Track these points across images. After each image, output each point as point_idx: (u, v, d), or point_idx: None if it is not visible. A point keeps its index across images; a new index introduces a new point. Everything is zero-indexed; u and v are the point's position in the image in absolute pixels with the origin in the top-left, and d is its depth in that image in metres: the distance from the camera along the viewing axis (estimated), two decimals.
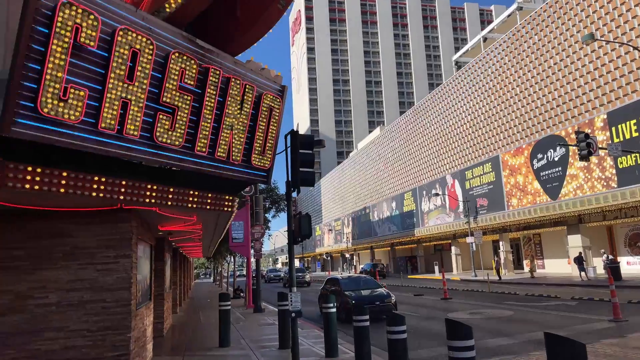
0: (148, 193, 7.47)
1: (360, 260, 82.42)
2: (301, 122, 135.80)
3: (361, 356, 8.90)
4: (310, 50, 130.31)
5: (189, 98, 7.42)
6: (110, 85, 6.35)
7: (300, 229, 8.96)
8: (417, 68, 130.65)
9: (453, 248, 53.51)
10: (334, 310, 10.34)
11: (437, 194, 50.55)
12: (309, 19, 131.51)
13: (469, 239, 42.07)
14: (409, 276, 56.03)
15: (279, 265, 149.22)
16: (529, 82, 38.29)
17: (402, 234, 61.75)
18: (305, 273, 47.71)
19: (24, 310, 7.55)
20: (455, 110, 49.02)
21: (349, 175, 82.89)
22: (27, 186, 6.02)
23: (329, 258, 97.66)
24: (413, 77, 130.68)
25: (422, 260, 62.43)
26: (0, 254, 7.62)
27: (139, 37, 6.62)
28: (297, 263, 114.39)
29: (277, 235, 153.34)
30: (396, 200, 63.95)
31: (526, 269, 44.39)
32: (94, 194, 6.70)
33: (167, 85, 7.08)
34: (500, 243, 44.86)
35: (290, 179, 9.57)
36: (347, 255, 79.01)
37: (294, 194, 9.78)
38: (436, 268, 55.75)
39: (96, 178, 6.72)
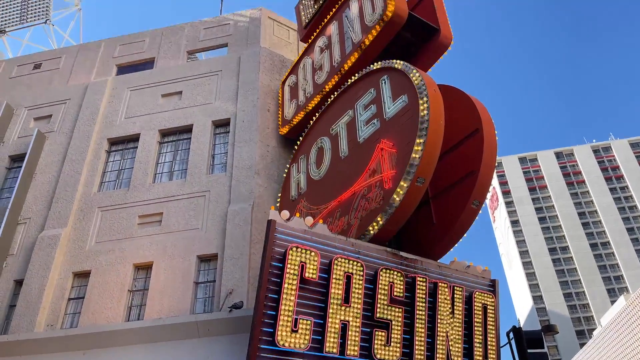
0: None
1: None
2: (521, 300, 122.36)
3: None
4: (514, 223, 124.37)
5: (400, 310, 7.65)
6: (331, 311, 7.03)
7: None
8: None
9: None
10: None
11: None
12: (506, 193, 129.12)
13: None
14: None
15: None
16: None
17: None
18: None
19: None
20: None
21: None
22: None
23: None
24: None
25: None
26: None
27: (351, 262, 7.44)
28: None
29: None
30: None
31: None
32: None
33: (379, 301, 7.50)
34: None
35: None
36: None
37: None
38: None
39: None
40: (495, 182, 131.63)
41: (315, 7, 13.18)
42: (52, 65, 16.17)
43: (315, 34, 12.94)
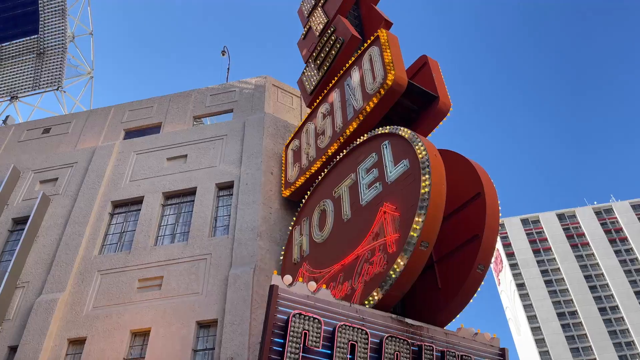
0: None
1: None
2: None
3: None
4: (520, 286, 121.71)
5: None
6: None
7: None
8: None
9: None
10: None
11: None
12: (510, 255, 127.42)
13: None
14: None
15: None
16: None
17: None
18: None
19: None
20: None
21: None
22: None
23: None
24: None
25: None
26: None
27: (355, 330, 7.23)
28: None
29: None
30: None
31: None
32: None
33: None
34: None
35: None
36: None
37: None
38: None
39: None
40: (498, 244, 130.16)
41: (319, 74, 13.74)
42: (61, 130, 16.62)
43: (318, 100, 13.40)
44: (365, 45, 12.09)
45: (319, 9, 15.31)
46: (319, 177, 11.91)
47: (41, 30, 24.11)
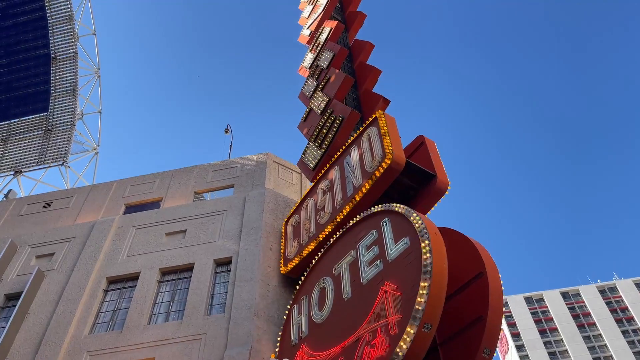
0: None
1: None
2: None
3: None
4: None
5: None
6: None
7: None
8: None
9: None
10: None
11: None
12: (515, 335, 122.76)
13: None
14: None
15: None
16: None
17: None
18: None
19: None
20: None
21: None
22: None
23: None
24: None
25: None
26: None
27: None
28: None
29: None
30: None
31: None
32: None
33: None
34: None
35: None
36: None
37: None
38: None
39: None
40: (503, 324, 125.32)
41: (321, 151, 14.12)
42: (62, 204, 16.69)
43: (319, 176, 13.63)
44: (365, 125, 12.52)
45: (319, 92, 16.06)
46: (319, 253, 11.80)
47: (51, 108, 24.99)
